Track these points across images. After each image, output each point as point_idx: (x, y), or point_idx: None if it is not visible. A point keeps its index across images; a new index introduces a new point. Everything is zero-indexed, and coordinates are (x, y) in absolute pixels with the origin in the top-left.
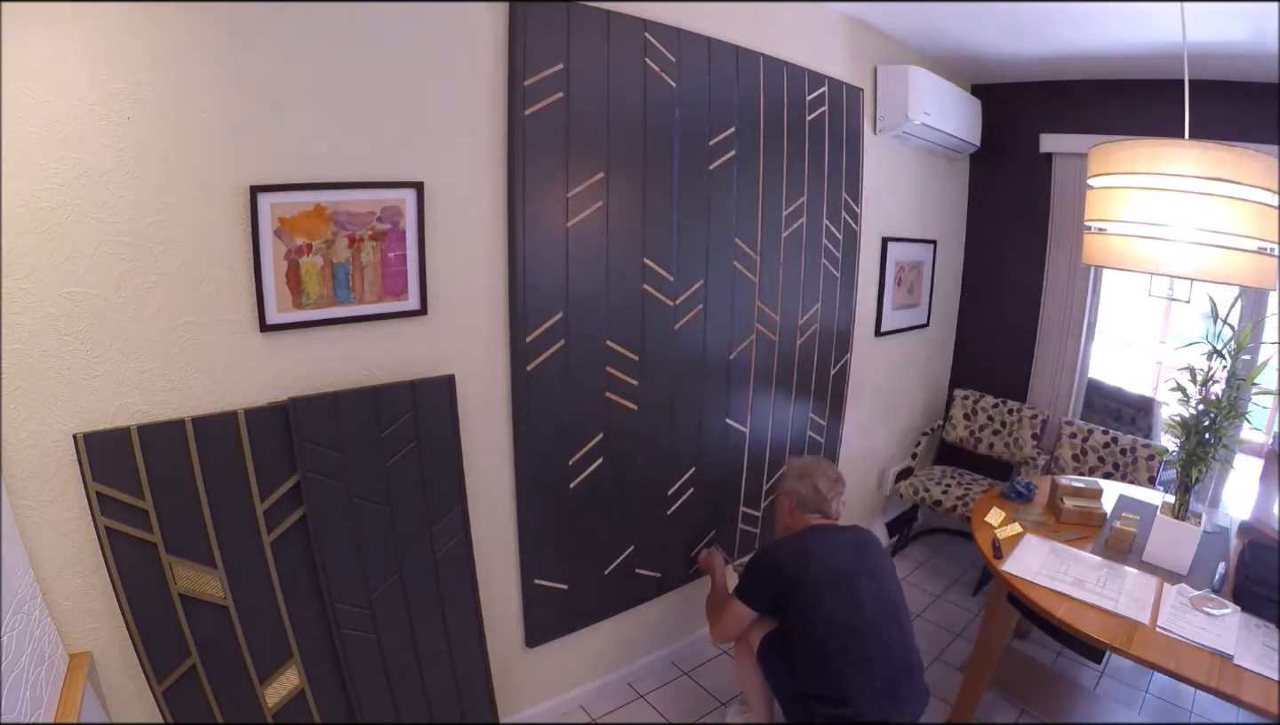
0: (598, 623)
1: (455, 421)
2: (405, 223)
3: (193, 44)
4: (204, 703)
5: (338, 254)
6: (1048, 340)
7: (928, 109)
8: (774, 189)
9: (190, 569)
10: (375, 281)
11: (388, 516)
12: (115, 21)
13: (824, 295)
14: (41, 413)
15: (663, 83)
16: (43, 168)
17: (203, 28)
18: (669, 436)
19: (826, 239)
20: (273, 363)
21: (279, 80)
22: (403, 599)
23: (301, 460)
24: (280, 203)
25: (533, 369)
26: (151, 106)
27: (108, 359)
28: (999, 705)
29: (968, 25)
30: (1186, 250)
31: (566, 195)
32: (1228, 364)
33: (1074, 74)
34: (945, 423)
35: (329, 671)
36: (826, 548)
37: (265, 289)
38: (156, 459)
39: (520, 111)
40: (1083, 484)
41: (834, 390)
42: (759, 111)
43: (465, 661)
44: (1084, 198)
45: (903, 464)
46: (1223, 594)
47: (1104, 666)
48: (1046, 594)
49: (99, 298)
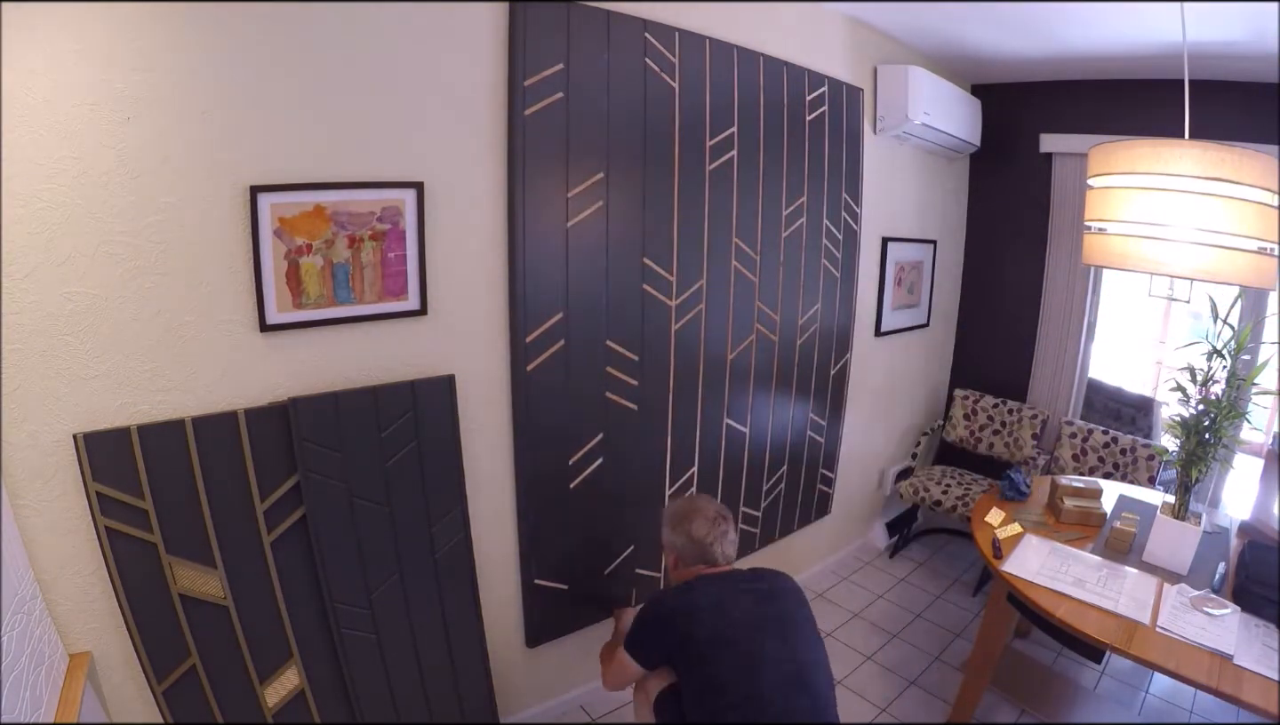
0: (598, 623)
1: (455, 421)
2: (405, 223)
3: (193, 44)
4: (204, 703)
5: (338, 254)
6: (1048, 340)
7: (928, 109)
8: (774, 189)
9: (190, 569)
10: (375, 281)
11: (388, 516)
12: (115, 21)
13: (824, 295)
14: (41, 413)
15: (663, 83)
16: (43, 168)
17: (203, 28)
18: (669, 436)
19: (826, 239)
20: (273, 363)
21: (279, 80)
22: (403, 599)
23: (301, 460)
24: (280, 203)
25: (533, 369)
26: (151, 106)
27: (108, 359)
28: (999, 705)
29: (968, 25)
30: (1186, 250)
31: (566, 195)
32: (1228, 364)
33: (1074, 74)
34: (945, 423)
35: (329, 671)
36: (723, 601)
37: (265, 289)
38: (156, 459)
39: (520, 111)
40: (1083, 484)
41: (834, 390)
42: (759, 111)
43: (465, 661)
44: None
45: (903, 464)
46: (1223, 594)
47: (1104, 666)
48: (1046, 594)
49: (99, 298)
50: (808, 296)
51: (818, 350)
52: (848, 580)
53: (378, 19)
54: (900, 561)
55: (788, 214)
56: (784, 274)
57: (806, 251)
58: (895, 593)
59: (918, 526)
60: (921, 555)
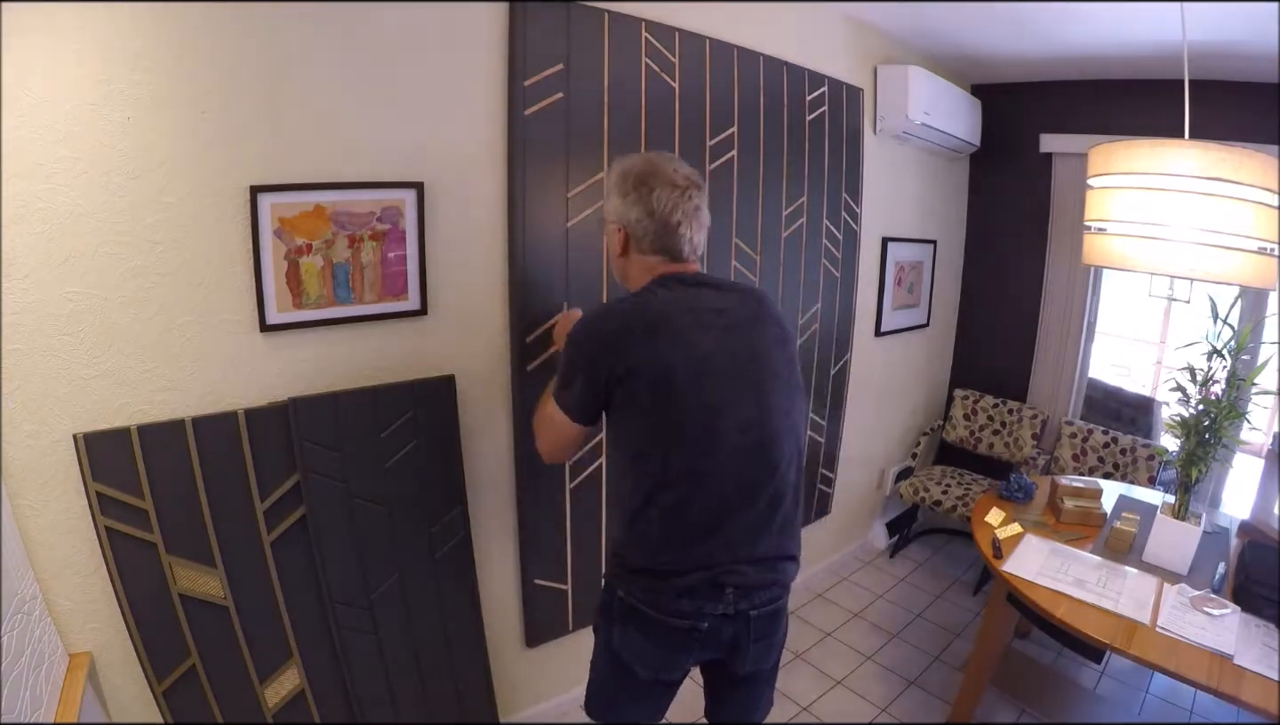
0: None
1: (455, 421)
2: (405, 223)
3: (193, 44)
4: (204, 703)
5: (338, 254)
6: (1048, 340)
7: (928, 109)
8: (774, 189)
9: (190, 569)
10: (375, 281)
11: (388, 516)
12: (115, 21)
13: (824, 295)
14: (41, 413)
15: (663, 82)
16: (43, 168)
17: (203, 28)
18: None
19: (826, 239)
20: (273, 363)
21: (279, 80)
22: (403, 599)
23: (301, 460)
24: (280, 203)
25: (533, 369)
26: (151, 106)
27: (108, 359)
28: (999, 705)
29: (968, 25)
30: (1186, 250)
31: (566, 195)
32: (1228, 364)
33: (1074, 74)
34: (945, 423)
35: (329, 671)
36: (685, 327)
37: (265, 289)
38: (156, 459)
39: (520, 111)
40: (1083, 484)
41: (834, 390)
42: (759, 111)
43: (465, 661)
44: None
45: (903, 464)
46: (1223, 594)
47: (1104, 666)
48: (1046, 594)
49: (99, 298)
50: (808, 296)
51: (818, 350)
52: (848, 580)
53: (378, 19)
54: (900, 561)
55: (788, 214)
56: (784, 274)
57: (806, 251)
58: (895, 593)
59: (918, 526)
60: (921, 555)
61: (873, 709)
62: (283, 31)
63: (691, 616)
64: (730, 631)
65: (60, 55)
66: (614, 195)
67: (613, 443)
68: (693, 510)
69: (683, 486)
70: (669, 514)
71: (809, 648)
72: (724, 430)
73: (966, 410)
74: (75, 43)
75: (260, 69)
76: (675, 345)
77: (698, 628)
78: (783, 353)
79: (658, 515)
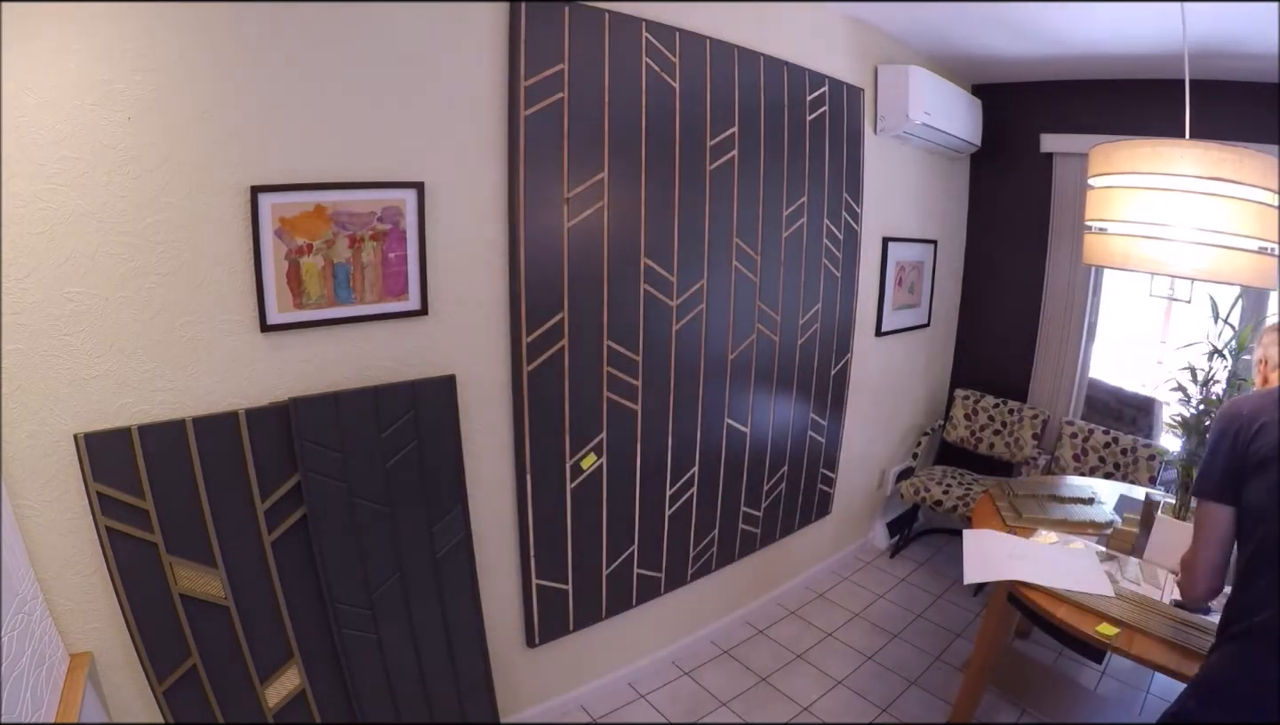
0: (598, 623)
1: (455, 421)
2: (405, 223)
3: (193, 44)
4: (204, 703)
5: (338, 254)
6: (1048, 340)
7: (928, 109)
8: (774, 189)
9: (190, 569)
10: (376, 281)
11: (388, 516)
12: (115, 21)
13: (824, 295)
14: (42, 413)
15: (663, 83)
16: (43, 168)
17: (203, 27)
18: (669, 436)
19: (827, 239)
20: (273, 363)
21: (279, 80)
22: (403, 599)
23: (302, 460)
24: (281, 203)
25: (533, 369)
26: (152, 106)
27: (108, 359)
28: (999, 705)
29: (968, 25)
30: (1187, 250)
31: (566, 195)
32: (1228, 364)
33: (1074, 74)
34: (946, 423)
35: (329, 671)
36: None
37: (266, 289)
38: (157, 459)
39: (520, 111)
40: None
41: (834, 390)
42: (759, 111)
43: (465, 661)
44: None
45: (903, 464)
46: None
47: (1104, 666)
48: (1046, 594)
49: (99, 298)
50: (808, 296)
51: (818, 350)
52: (848, 580)
53: (378, 19)
54: (901, 561)
55: (788, 214)
56: (785, 274)
57: (807, 251)
58: (896, 593)
59: (918, 526)
60: (922, 555)
61: (873, 709)
62: (283, 32)
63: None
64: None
65: (60, 55)
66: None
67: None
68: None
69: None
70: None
71: (809, 648)
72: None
73: (967, 410)
74: (75, 43)
75: (260, 69)
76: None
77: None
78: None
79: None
